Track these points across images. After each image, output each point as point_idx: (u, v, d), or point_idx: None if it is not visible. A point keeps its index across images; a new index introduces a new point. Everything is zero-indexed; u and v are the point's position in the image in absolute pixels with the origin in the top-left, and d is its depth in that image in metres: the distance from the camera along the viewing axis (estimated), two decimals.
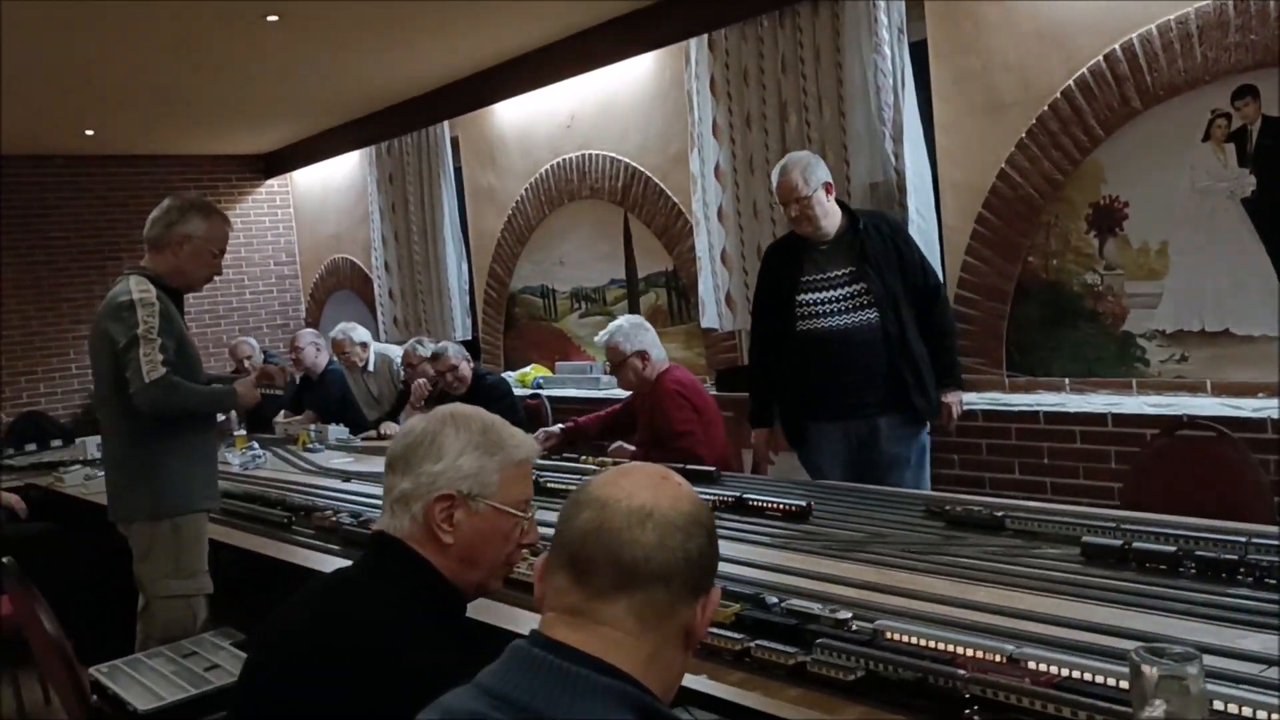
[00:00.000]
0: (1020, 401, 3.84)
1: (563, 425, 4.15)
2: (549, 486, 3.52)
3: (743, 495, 2.97)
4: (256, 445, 5.12)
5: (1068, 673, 1.60)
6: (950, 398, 3.43)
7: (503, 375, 5.51)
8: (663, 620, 1.11)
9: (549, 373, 6.11)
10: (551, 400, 5.69)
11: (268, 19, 4.63)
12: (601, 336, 3.85)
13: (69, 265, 7.77)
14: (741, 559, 2.46)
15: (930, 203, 4.11)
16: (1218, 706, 1.43)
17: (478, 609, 1.74)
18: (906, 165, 4.08)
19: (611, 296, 5.76)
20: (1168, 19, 3.41)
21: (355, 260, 7.95)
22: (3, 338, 7.52)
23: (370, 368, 5.84)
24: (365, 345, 5.79)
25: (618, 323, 3.85)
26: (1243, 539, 2.11)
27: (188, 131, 7.34)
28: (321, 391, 5.84)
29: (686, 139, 4.98)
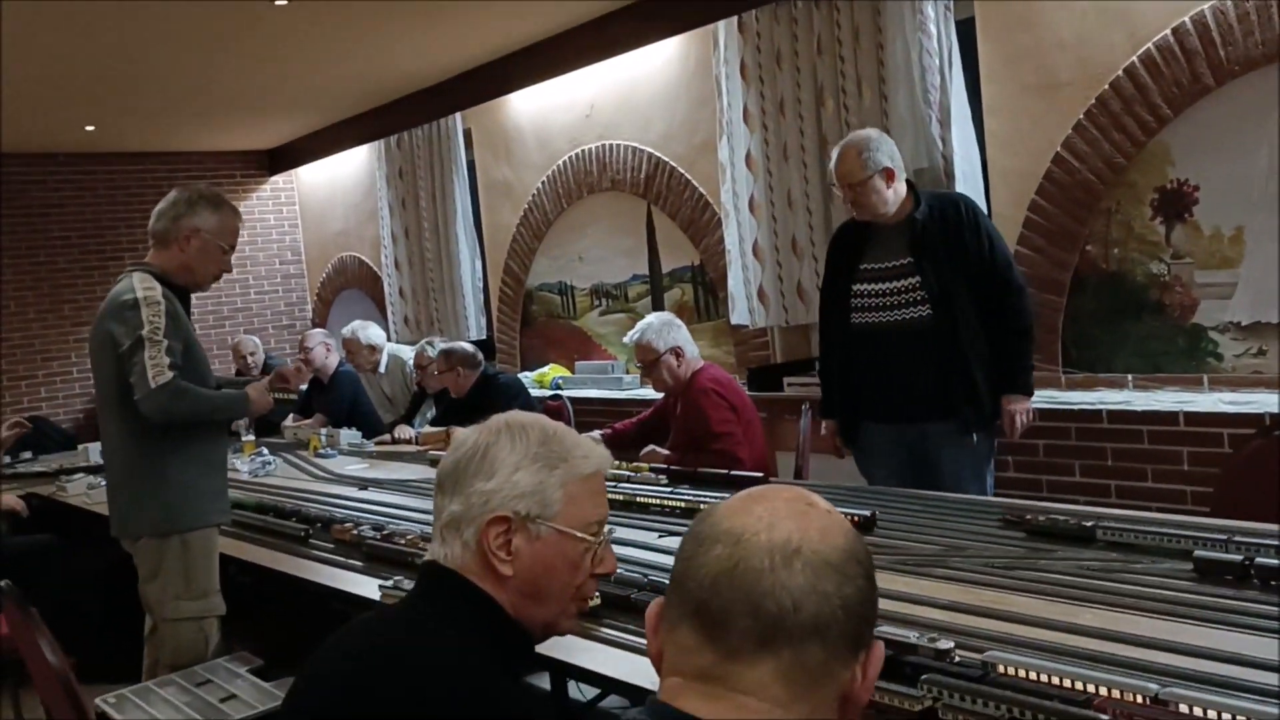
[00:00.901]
0: (1080, 400, 3.61)
1: (601, 432, 3.91)
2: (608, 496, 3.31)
3: None
4: (265, 451, 4.90)
5: (1229, 718, 1.38)
6: (1014, 404, 3.11)
7: (517, 375, 5.28)
8: (817, 685, 0.88)
9: (568, 372, 5.89)
10: (572, 401, 5.45)
11: (275, 2, 4.41)
12: (631, 335, 3.62)
13: (70, 266, 7.55)
14: None
15: (979, 190, 3.88)
16: None
17: None
18: (954, 150, 3.85)
19: (634, 293, 5.54)
20: None
21: (364, 258, 7.73)
22: (2, 341, 7.30)
23: (382, 369, 5.62)
24: (376, 348, 5.57)
25: (647, 320, 3.63)
26: None
27: (191, 127, 7.13)
28: (332, 394, 5.62)
29: (714, 127, 4.76)
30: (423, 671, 1.18)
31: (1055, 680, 1.54)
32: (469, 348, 4.88)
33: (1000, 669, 1.60)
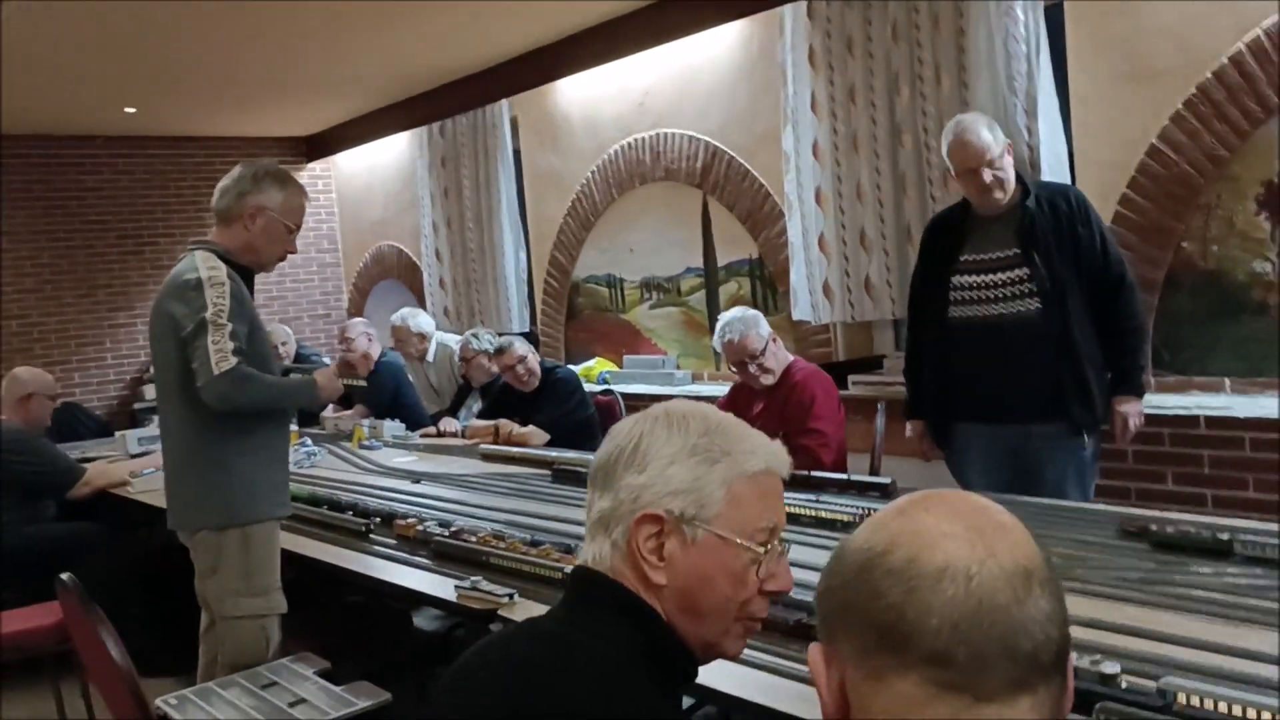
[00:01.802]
0: (1174, 403, 3.43)
1: None
2: None
3: None
4: (309, 441, 4.78)
5: None
6: (1127, 406, 2.96)
7: (572, 369, 5.13)
8: (1060, 712, 0.78)
9: (615, 367, 5.74)
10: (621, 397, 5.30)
11: None
12: (723, 335, 3.44)
13: (106, 250, 7.44)
14: None
15: (1065, 182, 3.70)
16: None
17: None
18: (1041, 140, 3.68)
19: (686, 286, 5.38)
20: None
21: (402, 248, 7.59)
22: (38, 325, 7.21)
23: (430, 358, 5.48)
24: (425, 336, 5.43)
25: (733, 315, 3.46)
26: None
27: (230, 111, 7.00)
28: (374, 385, 5.47)
29: (777, 115, 4.59)
30: (589, 699, 1.03)
31: (1251, 714, 1.38)
32: (523, 341, 4.75)
33: (1181, 698, 1.44)
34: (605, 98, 5.68)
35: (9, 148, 6.92)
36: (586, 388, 5.26)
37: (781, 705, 1.65)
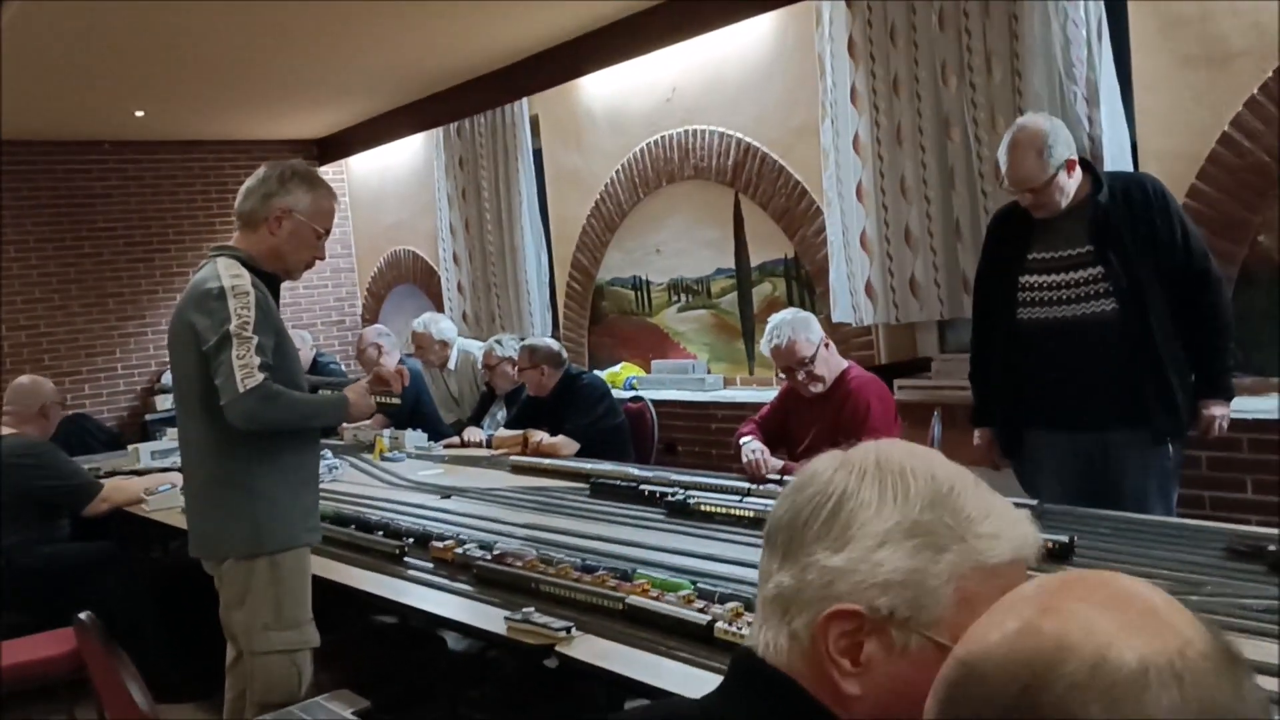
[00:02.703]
0: (1252, 407, 3.23)
1: (752, 437, 3.45)
2: (703, 509, 2.98)
3: None
4: (329, 454, 4.59)
5: None
6: (1215, 409, 2.77)
7: (600, 375, 4.94)
8: None
9: (643, 372, 5.55)
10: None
11: None
12: (770, 339, 3.25)
13: (115, 258, 7.26)
14: None
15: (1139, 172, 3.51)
16: None
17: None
18: (1103, 131, 3.48)
19: (717, 288, 5.19)
20: None
21: (418, 252, 7.41)
22: (46, 335, 7.04)
23: (452, 365, 5.30)
24: (447, 344, 5.24)
25: (781, 317, 3.28)
26: None
27: (240, 114, 6.83)
28: None
29: (814, 109, 4.40)
30: None
31: None
32: (554, 345, 4.56)
33: None
34: (631, 94, 5.49)
35: (13, 153, 6.75)
36: (615, 394, 5.07)
37: None
